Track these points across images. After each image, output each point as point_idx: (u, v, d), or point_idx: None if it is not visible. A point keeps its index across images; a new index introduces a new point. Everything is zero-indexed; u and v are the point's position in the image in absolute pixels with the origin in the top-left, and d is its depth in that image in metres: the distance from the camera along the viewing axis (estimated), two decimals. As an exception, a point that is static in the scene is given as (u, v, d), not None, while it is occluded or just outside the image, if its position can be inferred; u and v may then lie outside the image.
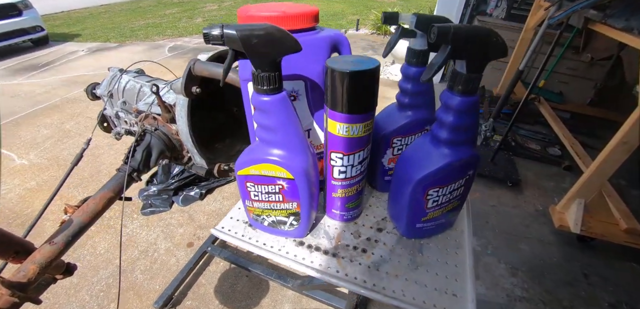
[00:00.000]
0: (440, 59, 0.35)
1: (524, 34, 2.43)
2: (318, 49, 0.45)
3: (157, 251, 1.79)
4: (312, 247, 0.49)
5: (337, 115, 0.40)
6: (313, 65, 0.45)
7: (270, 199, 0.47)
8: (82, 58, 4.86)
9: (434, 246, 0.51)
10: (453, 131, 0.41)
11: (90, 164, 2.46)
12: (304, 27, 0.43)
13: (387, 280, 0.45)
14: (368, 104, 0.40)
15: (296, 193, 0.45)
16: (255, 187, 0.46)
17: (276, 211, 0.49)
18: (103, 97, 1.03)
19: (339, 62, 0.38)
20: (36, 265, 0.69)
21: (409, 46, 0.47)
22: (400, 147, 0.53)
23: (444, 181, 0.44)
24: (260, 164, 0.43)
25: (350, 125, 0.40)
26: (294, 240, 0.51)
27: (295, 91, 0.47)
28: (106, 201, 0.81)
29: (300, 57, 0.43)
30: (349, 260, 0.47)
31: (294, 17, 0.42)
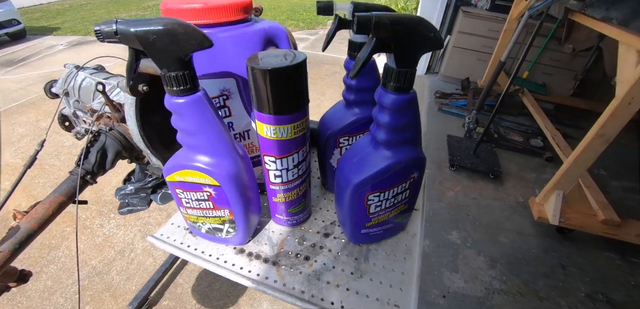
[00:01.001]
0: (365, 53, 0.32)
1: (508, 24, 2.41)
2: (249, 43, 0.41)
3: (134, 251, 1.75)
4: (252, 255, 0.46)
5: (263, 116, 0.37)
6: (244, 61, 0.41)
7: (200, 206, 0.44)
8: (61, 52, 4.71)
9: (382, 252, 0.48)
10: (390, 131, 0.38)
11: (67, 164, 2.40)
12: (234, 20, 0.40)
13: (326, 291, 0.42)
14: (295, 104, 0.37)
15: (225, 200, 0.42)
16: (184, 193, 0.44)
17: (209, 219, 0.46)
18: (60, 94, 0.97)
19: (262, 58, 0.35)
20: (-23, 272, 0.65)
21: (349, 38, 0.44)
22: (347, 147, 0.50)
23: (384, 185, 0.41)
24: (184, 170, 0.40)
25: (276, 127, 0.37)
26: (234, 248, 0.48)
27: (227, 89, 0.43)
28: (57, 206, 0.76)
29: (230, 52, 0.40)
30: (289, 268, 0.44)
31: (218, 8, 0.38)
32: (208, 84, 0.42)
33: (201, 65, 0.40)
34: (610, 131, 1.38)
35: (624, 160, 2.34)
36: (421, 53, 0.33)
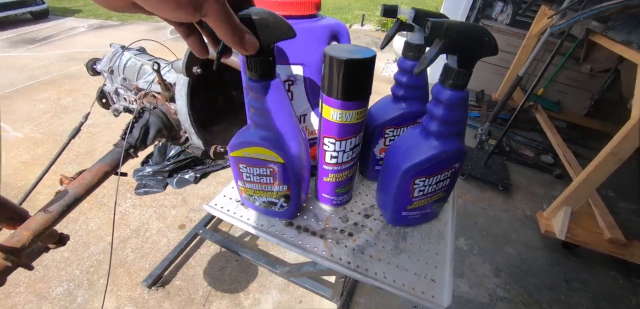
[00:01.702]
0: (432, 53, 0.36)
1: (527, 41, 2.45)
2: (318, 36, 0.46)
3: (149, 231, 1.81)
4: (301, 228, 0.51)
5: (332, 101, 0.41)
6: (312, 52, 0.46)
7: (261, 181, 0.48)
8: (82, 34, 4.81)
9: (417, 234, 0.53)
10: (442, 123, 0.43)
11: (86, 141, 2.46)
12: (305, 14, 0.44)
13: (370, 263, 0.47)
14: (362, 92, 0.41)
15: (287, 177, 0.46)
16: (247, 169, 0.47)
17: (267, 193, 0.50)
18: (103, 72, 1.03)
19: (337, 49, 0.39)
20: (30, 232, 0.70)
21: (406, 40, 0.49)
22: (391, 138, 0.55)
23: (431, 171, 0.46)
24: (253, 147, 0.44)
25: (343, 111, 0.42)
26: (284, 220, 0.53)
27: (293, 76, 0.48)
28: (102, 175, 0.82)
29: (300, 43, 0.45)
30: (335, 242, 0.49)
31: (296, 3, 0.43)
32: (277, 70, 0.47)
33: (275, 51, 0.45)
34: (623, 151, 1.41)
35: (633, 183, 2.37)
36: (479, 57, 0.38)
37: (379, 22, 5.42)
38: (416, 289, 0.43)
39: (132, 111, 1.07)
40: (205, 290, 1.54)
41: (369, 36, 5.38)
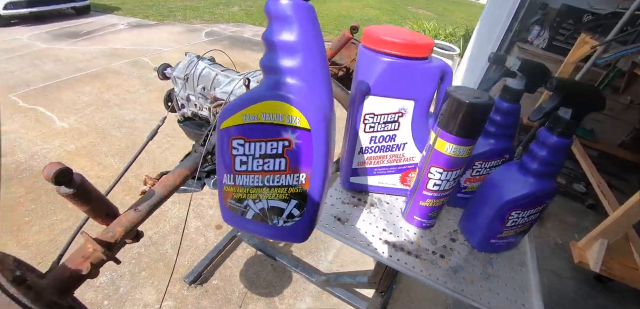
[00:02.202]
0: (551, 104, 0.41)
1: (564, 67, 2.44)
2: (430, 76, 0.51)
3: (188, 229, 1.88)
4: (396, 246, 0.56)
5: (448, 136, 0.46)
6: (424, 89, 0.51)
7: (265, 167, 0.35)
8: (122, 32, 5.04)
9: (501, 261, 0.57)
10: (544, 164, 0.48)
11: (127, 136, 2.57)
12: (420, 57, 0.50)
13: (464, 285, 0.51)
14: (477, 132, 0.46)
15: (309, 156, 0.33)
16: (245, 147, 0.35)
17: (272, 191, 0.36)
18: (177, 79, 1.11)
19: (459, 92, 0.45)
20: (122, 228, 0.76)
21: (506, 84, 0.53)
22: (479, 169, 0.60)
23: (526, 206, 0.50)
24: (263, 102, 0.32)
25: (458, 147, 0.46)
26: (381, 237, 0.57)
27: (404, 108, 0.53)
28: (183, 178, 0.89)
29: (415, 81, 0.50)
30: (430, 262, 0.54)
31: (414, 46, 0.48)
32: (391, 102, 0.52)
33: (389, 87, 0.51)
34: (669, 189, 1.41)
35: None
36: (590, 112, 0.43)
37: None
38: (512, 314, 0.48)
39: (200, 117, 1.14)
40: (241, 291, 1.59)
41: None
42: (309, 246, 1.80)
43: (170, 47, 4.51)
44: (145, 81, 3.43)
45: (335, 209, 0.61)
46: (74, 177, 0.64)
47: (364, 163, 0.58)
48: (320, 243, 1.82)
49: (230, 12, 7.02)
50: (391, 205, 0.64)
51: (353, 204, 0.62)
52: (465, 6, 13.15)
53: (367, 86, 0.49)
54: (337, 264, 1.73)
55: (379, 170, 0.60)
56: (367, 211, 0.61)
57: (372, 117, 0.52)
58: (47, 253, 1.66)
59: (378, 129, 0.54)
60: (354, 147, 0.57)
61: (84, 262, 0.69)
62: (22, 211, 1.87)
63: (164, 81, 1.34)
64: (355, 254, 1.78)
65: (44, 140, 2.47)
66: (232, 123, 0.35)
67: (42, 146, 2.41)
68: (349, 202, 0.62)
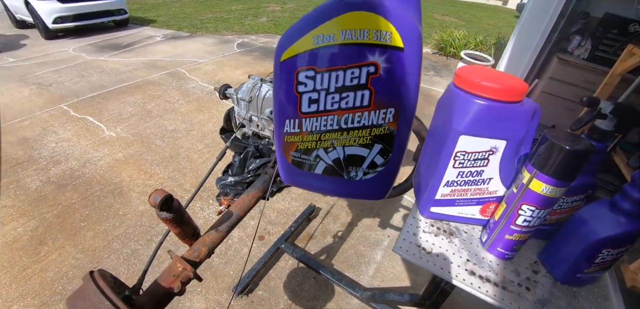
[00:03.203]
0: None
1: (609, 79, 2.35)
2: (523, 118, 0.53)
3: (231, 239, 1.95)
4: (482, 277, 0.58)
5: (545, 177, 0.48)
6: (516, 129, 0.54)
7: (344, 103, 0.28)
8: (159, 43, 5.32)
9: (585, 295, 0.58)
10: (637, 205, 0.49)
11: (170, 146, 2.71)
12: (514, 101, 0.53)
13: (554, 319, 0.53)
14: (574, 176, 0.48)
15: (400, 84, 0.26)
16: (316, 79, 0.27)
17: (351, 134, 0.29)
18: (242, 100, 1.18)
19: (557, 136, 0.47)
20: (207, 248, 0.82)
21: (594, 124, 0.55)
22: (561, 204, 0.61)
23: (618, 244, 0.51)
24: (344, 15, 0.25)
25: (554, 188, 0.48)
26: (466, 267, 0.60)
27: (495, 147, 0.56)
28: (256, 199, 0.95)
29: (510, 122, 0.53)
30: (517, 295, 0.56)
31: (513, 90, 0.51)
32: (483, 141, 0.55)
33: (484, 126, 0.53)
34: None
35: None
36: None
37: (436, 46, 5.41)
38: (606, 351, 0.49)
39: (262, 137, 1.21)
40: (285, 303, 1.63)
41: (426, 59, 5.35)
42: (350, 259, 1.82)
43: (205, 58, 4.70)
44: (183, 92, 3.60)
45: (417, 238, 0.64)
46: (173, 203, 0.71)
47: (446, 195, 0.61)
48: (360, 257, 1.84)
49: (259, 23, 7.23)
50: (469, 235, 0.66)
51: (433, 233, 0.65)
52: (494, 12, 12.80)
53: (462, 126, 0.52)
54: (379, 279, 1.74)
55: (461, 202, 0.62)
56: (448, 241, 0.64)
57: (463, 154, 0.55)
58: (102, 258, 1.77)
59: (467, 165, 0.57)
60: (439, 181, 0.59)
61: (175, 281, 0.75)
62: (77, 217, 2.02)
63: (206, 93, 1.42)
64: (396, 269, 1.79)
65: (94, 148, 2.65)
66: (298, 50, 0.27)
67: (92, 154, 2.59)
68: (429, 231, 0.65)
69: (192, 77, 4.02)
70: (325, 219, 2.05)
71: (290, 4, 10.31)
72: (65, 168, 2.44)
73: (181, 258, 0.78)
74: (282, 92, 0.31)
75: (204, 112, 3.19)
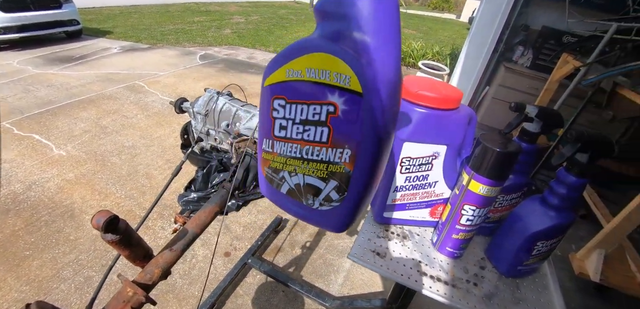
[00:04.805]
0: (570, 151, 0.48)
1: (549, 85, 2.59)
2: (460, 123, 0.57)
3: (195, 257, 1.87)
4: (434, 277, 0.60)
5: (481, 178, 0.52)
6: (455, 135, 0.57)
7: (305, 136, 0.31)
8: (115, 56, 5.05)
9: (527, 285, 0.62)
10: (563, 199, 0.54)
11: (127, 163, 2.55)
12: (451, 108, 0.56)
13: (499, 311, 0.56)
14: (507, 175, 0.52)
15: (357, 127, 0.28)
16: (286, 108, 0.31)
17: (310, 164, 0.32)
18: (198, 114, 1.15)
19: (490, 140, 0.51)
20: (160, 269, 0.78)
21: (523, 126, 0.60)
22: (501, 202, 0.65)
23: (550, 236, 0.56)
24: (310, 54, 0.27)
25: (490, 187, 0.52)
26: (418, 269, 0.62)
27: (438, 152, 0.59)
28: (213, 214, 0.92)
29: (449, 128, 0.56)
30: (466, 291, 0.59)
31: (451, 99, 0.54)
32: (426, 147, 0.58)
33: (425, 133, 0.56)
34: (658, 200, 1.50)
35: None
36: (604, 157, 0.49)
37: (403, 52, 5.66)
38: (544, 336, 0.53)
39: (220, 150, 1.18)
40: (254, 320, 1.59)
41: None
42: (319, 270, 1.82)
43: (165, 71, 4.53)
44: (142, 106, 3.44)
45: (372, 243, 0.65)
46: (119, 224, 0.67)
47: (397, 200, 0.63)
48: (329, 267, 1.84)
49: (223, 35, 7.12)
50: (422, 237, 0.69)
51: (387, 238, 0.67)
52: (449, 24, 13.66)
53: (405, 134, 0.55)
54: (348, 287, 1.75)
55: (411, 205, 0.65)
56: (402, 244, 0.66)
57: (409, 160, 0.58)
58: (51, 289, 1.63)
59: (413, 170, 0.60)
60: (389, 186, 0.62)
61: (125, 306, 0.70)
62: (21, 245, 1.84)
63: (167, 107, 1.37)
64: (364, 276, 1.81)
65: (42, 169, 2.44)
66: (276, 80, 0.30)
67: (39, 175, 2.38)
68: (383, 235, 0.67)
69: (152, 90, 3.85)
70: (293, 231, 2.03)
71: (254, 15, 10.29)
72: (7, 192, 2.22)
73: (132, 282, 0.73)
74: (263, 113, 0.33)
75: (164, 127, 3.05)
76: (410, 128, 0.54)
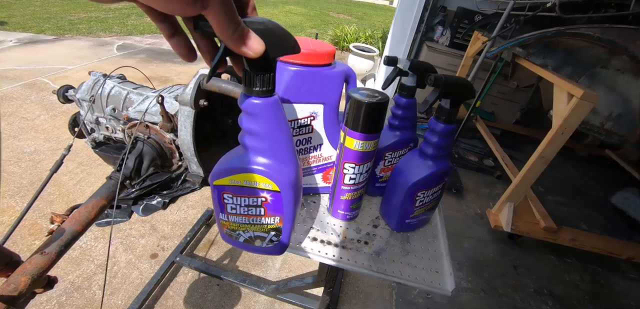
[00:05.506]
0: (432, 98, 0.48)
1: (464, 60, 2.81)
2: (335, 80, 0.55)
3: (117, 264, 1.70)
4: (324, 242, 0.59)
5: (355, 134, 0.51)
6: (331, 93, 0.56)
7: (250, 213, 0.46)
8: (11, 49, 4.29)
9: (417, 237, 0.64)
10: (437, 148, 0.55)
11: (29, 171, 2.22)
12: (325, 63, 0.54)
13: (387, 264, 0.57)
14: (379, 127, 0.52)
15: (280, 207, 0.45)
16: (233, 199, 0.45)
17: (255, 227, 0.48)
18: (82, 101, 1.00)
19: (359, 93, 0.49)
20: (28, 276, 0.67)
21: (401, 82, 0.61)
22: (390, 160, 0.66)
23: (428, 185, 0.58)
24: (243, 173, 0.41)
25: (364, 142, 0.51)
26: (309, 235, 0.60)
27: (314, 112, 0.57)
28: (98, 209, 0.81)
29: (323, 86, 0.54)
30: (356, 250, 0.58)
31: (321, 55, 0.52)
32: (302, 107, 0.55)
33: (298, 93, 0.54)
34: (548, 154, 1.72)
35: (555, 178, 2.82)
36: (464, 100, 0.51)
37: (331, 41, 5.71)
38: (426, 280, 0.54)
39: (116, 140, 1.05)
40: (187, 320, 1.50)
41: None
42: (255, 258, 1.77)
43: (75, 64, 3.98)
44: (47, 105, 2.99)
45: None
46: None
47: (288, 168, 0.61)
48: (265, 253, 1.80)
49: (145, 23, 6.47)
50: (317, 204, 0.68)
51: (282, 209, 0.64)
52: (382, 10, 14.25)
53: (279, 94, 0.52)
54: (286, 270, 1.73)
55: (304, 172, 0.63)
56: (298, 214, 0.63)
57: (290, 123, 0.55)
58: None
59: (295, 134, 0.57)
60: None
61: (-19, 329, 0.59)
62: None
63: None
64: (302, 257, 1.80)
65: None
66: (223, 183, 0.43)
67: None
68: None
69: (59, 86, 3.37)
70: (227, 222, 1.94)
71: None
72: None
73: (-5, 294, 0.61)
74: (217, 201, 0.46)
75: (76, 127, 2.69)
76: (283, 88, 0.51)
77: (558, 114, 1.65)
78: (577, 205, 2.59)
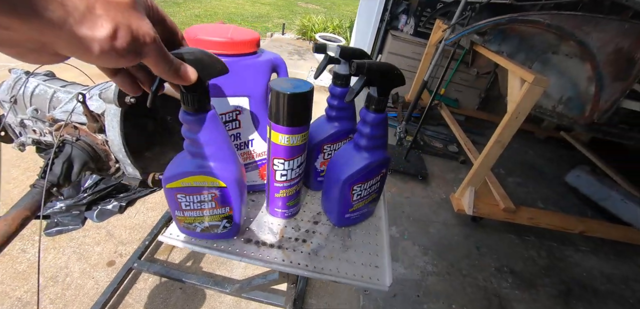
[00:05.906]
0: (358, 85, 0.46)
1: (428, 49, 2.86)
2: (260, 70, 0.52)
3: (70, 276, 1.59)
4: (259, 243, 0.56)
5: (279, 127, 0.48)
6: (256, 85, 0.52)
7: (203, 207, 0.51)
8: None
9: (359, 231, 0.63)
10: (369, 139, 0.53)
11: (-32, 184, 2.01)
12: (248, 52, 0.50)
13: (324, 262, 0.55)
14: (304, 119, 0.49)
15: (229, 198, 0.50)
16: (186, 198, 0.49)
17: (210, 217, 0.52)
18: (3, 102, 0.90)
19: (281, 84, 0.46)
20: None
21: (334, 71, 0.58)
22: (329, 152, 0.64)
23: (365, 178, 0.56)
24: (192, 176, 0.47)
25: (290, 136, 0.48)
26: (243, 239, 0.57)
27: (239, 106, 0.53)
28: (20, 221, 0.73)
29: (245, 77, 0.50)
30: (292, 250, 0.56)
31: (240, 43, 0.48)
32: (225, 101, 0.52)
33: (219, 87, 0.50)
34: (504, 138, 1.78)
35: (514, 161, 2.95)
36: (392, 88, 0.49)
37: (299, 31, 5.61)
38: (364, 277, 0.53)
39: (45, 143, 0.96)
40: (147, 328, 1.43)
41: (290, 44, 5.47)
42: (219, 258, 1.71)
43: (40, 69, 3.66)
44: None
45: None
46: None
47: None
48: (230, 252, 1.75)
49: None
50: (256, 202, 0.64)
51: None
52: (351, 0, 14.22)
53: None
54: (252, 268, 1.69)
55: (242, 168, 0.59)
56: (230, 214, 0.60)
57: (215, 121, 0.51)
58: None
59: (224, 130, 0.54)
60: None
61: None
62: None
63: None
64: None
65: None
66: (175, 185, 0.48)
67: None
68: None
69: None
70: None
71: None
72: None
73: None
74: (171, 202, 0.51)
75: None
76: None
77: (512, 99, 1.71)
78: (535, 185, 2.73)
